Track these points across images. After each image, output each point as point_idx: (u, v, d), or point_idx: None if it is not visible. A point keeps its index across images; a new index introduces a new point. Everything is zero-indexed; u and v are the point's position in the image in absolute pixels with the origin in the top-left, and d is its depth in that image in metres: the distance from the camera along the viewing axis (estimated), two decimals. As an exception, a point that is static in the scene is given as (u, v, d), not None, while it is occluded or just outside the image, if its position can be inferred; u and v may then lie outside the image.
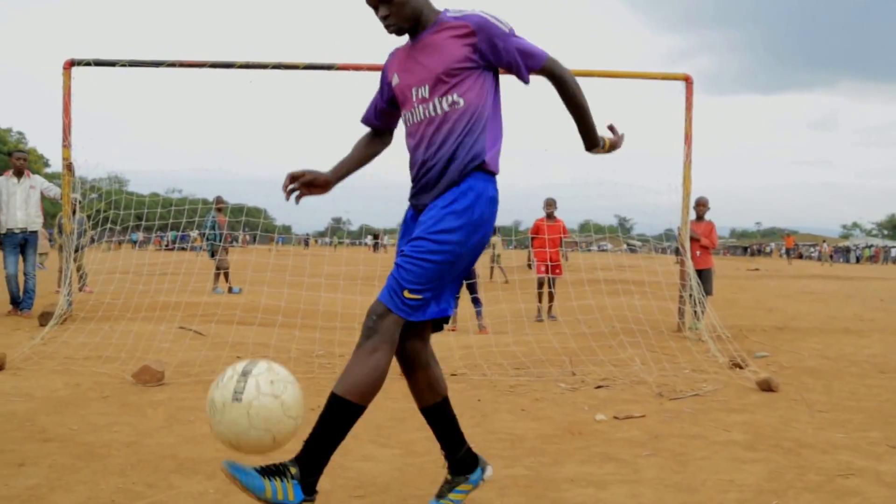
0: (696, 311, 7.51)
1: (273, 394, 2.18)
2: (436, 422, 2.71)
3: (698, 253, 8.57)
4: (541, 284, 9.55)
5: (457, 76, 2.43)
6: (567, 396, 4.89)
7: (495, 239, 19.41)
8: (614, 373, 5.66)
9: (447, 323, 2.65)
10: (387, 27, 2.49)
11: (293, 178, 2.59)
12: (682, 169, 7.82)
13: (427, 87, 2.46)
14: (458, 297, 8.84)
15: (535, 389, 5.10)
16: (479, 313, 8.64)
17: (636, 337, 6.88)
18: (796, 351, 6.94)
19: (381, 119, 2.77)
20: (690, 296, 7.43)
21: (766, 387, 5.05)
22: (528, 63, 2.47)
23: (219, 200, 12.77)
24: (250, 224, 9.21)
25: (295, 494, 2.19)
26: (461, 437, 2.74)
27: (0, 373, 5.08)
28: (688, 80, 7.83)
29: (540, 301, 9.62)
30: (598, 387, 5.19)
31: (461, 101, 2.43)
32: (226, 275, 12.71)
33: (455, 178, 2.42)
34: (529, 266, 10.04)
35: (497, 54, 2.44)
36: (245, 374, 2.20)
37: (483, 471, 2.74)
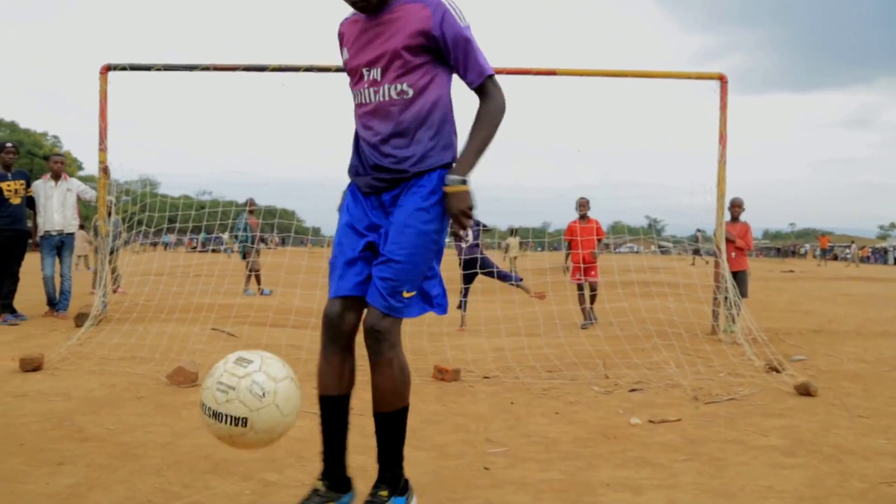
0: (731, 314, 7.37)
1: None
2: (338, 415, 2.52)
3: (733, 255, 8.43)
4: (581, 287, 9.17)
5: (409, 63, 2.38)
6: (601, 400, 4.84)
7: (512, 240, 19.01)
8: (648, 376, 5.59)
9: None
10: (353, 4, 2.42)
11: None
12: (717, 169, 7.69)
13: (379, 70, 2.41)
14: (466, 300, 8.80)
15: (568, 392, 5.05)
16: (514, 281, 8.63)
17: (670, 339, 6.79)
18: (834, 354, 6.79)
19: None
20: (725, 298, 7.31)
21: (804, 391, 4.95)
22: (473, 69, 2.41)
23: (251, 203, 12.92)
24: (282, 226, 9.26)
25: None
26: (345, 450, 2.55)
27: (38, 373, 5.18)
28: (722, 80, 7.70)
29: (582, 304, 9.15)
30: (633, 390, 5.12)
31: (410, 91, 2.39)
32: (257, 277, 12.83)
33: (414, 174, 2.41)
34: (566, 270, 9.68)
35: (446, 45, 2.38)
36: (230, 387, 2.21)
37: (353, 498, 2.58)
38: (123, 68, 7.56)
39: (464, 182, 2.36)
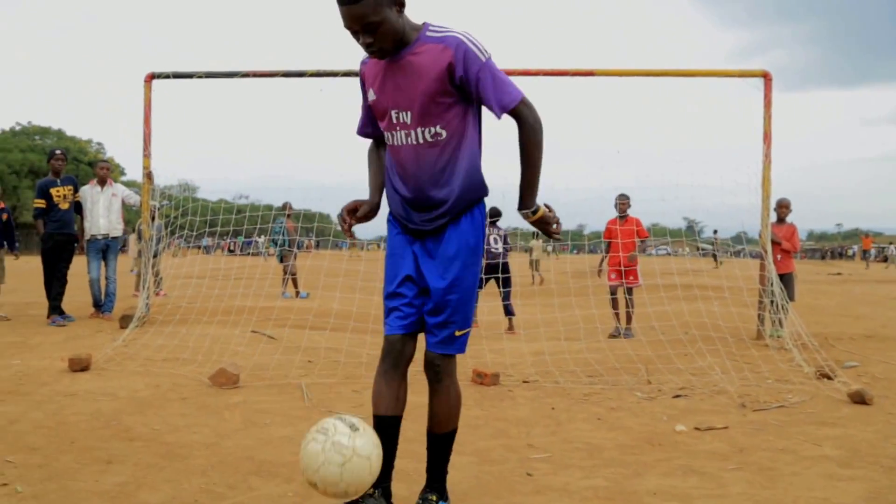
0: (777, 318, 7.17)
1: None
2: (392, 434, 2.62)
3: (779, 257, 8.21)
4: (613, 292, 8.74)
5: (439, 106, 2.40)
6: (644, 406, 4.74)
7: (535, 242, 18.68)
8: (693, 382, 5.47)
9: None
10: (370, 53, 2.42)
11: (351, 213, 2.61)
12: (762, 169, 7.50)
13: (409, 115, 2.43)
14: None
15: (610, 398, 4.96)
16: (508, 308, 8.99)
17: (715, 344, 6.63)
18: (889, 361, 6.54)
19: (377, 128, 2.66)
20: (772, 301, 7.12)
21: (859, 399, 4.77)
22: (501, 99, 2.38)
23: (288, 207, 13.04)
24: (320, 230, 9.33)
25: None
26: (392, 466, 2.67)
27: (86, 372, 5.28)
28: (766, 77, 7.52)
29: (615, 308, 8.72)
30: (677, 396, 5.01)
31: (444, 133, 2.43)
32: (294, 280, 12.93)
33: (451, 213, 2.50)
34: (599, 273, 9.36)
35: (473, 83, 2.37)
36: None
37: None
38: (167, 76, 7.69)
39: (536, 210, 2.51)
